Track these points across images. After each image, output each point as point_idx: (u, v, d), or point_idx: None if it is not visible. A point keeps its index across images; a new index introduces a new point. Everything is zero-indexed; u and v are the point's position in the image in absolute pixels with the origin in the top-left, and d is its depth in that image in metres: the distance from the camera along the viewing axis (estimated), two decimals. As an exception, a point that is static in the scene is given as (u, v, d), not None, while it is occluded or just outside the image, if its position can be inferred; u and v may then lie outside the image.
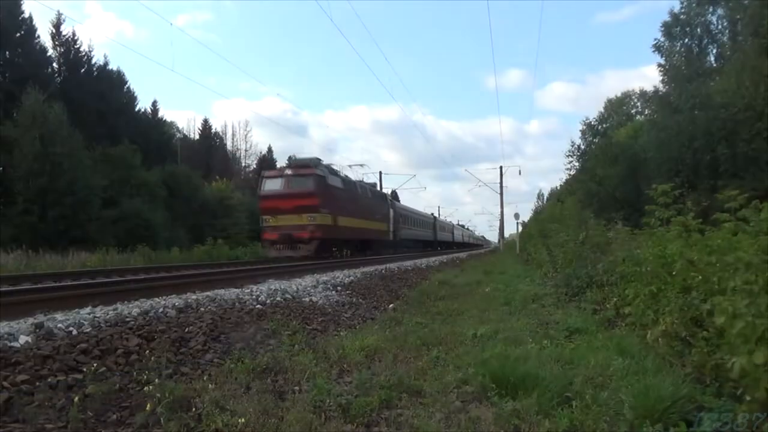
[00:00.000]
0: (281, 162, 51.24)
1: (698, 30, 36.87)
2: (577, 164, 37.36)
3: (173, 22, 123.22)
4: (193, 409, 3.37)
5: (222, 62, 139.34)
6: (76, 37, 37.14)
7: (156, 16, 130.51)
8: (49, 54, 35.50)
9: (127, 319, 5.61)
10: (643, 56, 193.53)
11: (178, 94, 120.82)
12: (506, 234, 58.08)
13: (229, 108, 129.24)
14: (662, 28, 38.10)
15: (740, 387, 3.04)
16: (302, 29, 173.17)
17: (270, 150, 68.32)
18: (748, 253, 3.30)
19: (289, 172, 22.76)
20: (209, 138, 61.10)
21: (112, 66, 40.34)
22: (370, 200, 31.20)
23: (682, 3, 37.34)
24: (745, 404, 2.90)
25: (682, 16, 37.33)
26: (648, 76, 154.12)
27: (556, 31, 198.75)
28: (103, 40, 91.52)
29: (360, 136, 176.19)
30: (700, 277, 4.41)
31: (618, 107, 58.44)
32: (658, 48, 38.53)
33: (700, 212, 5.38)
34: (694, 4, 36.60)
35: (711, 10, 35.74)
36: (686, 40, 37.56)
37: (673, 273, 4.93)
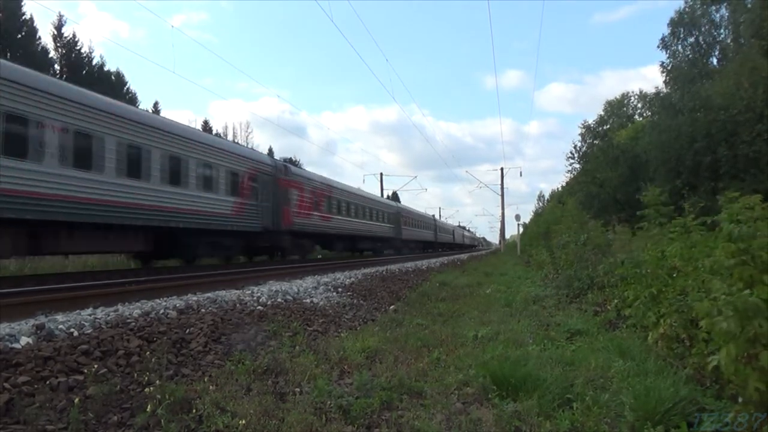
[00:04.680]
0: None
1: (702, 30, 36.91)
2: (577, 166, 37.36)
3: (168, 22, 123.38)
4: (194, 411, 3.37)
5: (218, 63, 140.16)
6: (76, 39, 37.34)
7: (151, 17, 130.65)
8: (50, 56, 35.64)
9: (128, 321, 5.61)
10: (641, 56, 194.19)
11: (175, 94, 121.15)
12: (507, 235, 58.08)
13: (226, 108, 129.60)
14: (669, 26, 38.15)
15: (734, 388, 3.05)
16: (300, 29, 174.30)
17: (271, 151, 68.38)
18: (725, 254, 3.32)
19: None
20: (210, 139, 61.01)
21: (111, 67, 40.53)
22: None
23: (686, 2, 37.41)
24: (740, 405, 2.90)
25: (685, 17, 37.39)
26: (647, 77, 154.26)
27: (554, 32, 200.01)
28: (99, 40, 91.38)
29: (359, 137, 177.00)
30: (690, 280, 4.45)
31: (617, 109, 58.48)
32: (664, 44, 38.54)
33: (699, 213, 5.38)
34: (697, 4, 36.65)
35: (714, 9, 35.78)
36: (690, 39, 37.62)
37: (673, 275, 4.95)
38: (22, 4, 33.31)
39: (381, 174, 51.93)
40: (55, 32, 36.61)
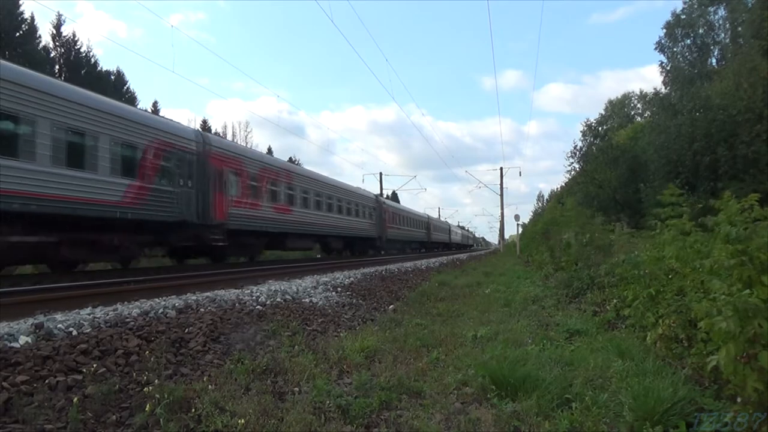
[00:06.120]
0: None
1: (700, 31, 36.95)
2: (577, 166, 37.39)
3: (167, 21, 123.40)
4: (193, 410, 3.37)
5: (216, 62, 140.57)
6: (76, 38, 37.30)
7: (149, 16, 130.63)
8: (52, 55, 35.59)
9: (127, 320, 5.61)
10: (639, 57, 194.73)
11: (173, 93, 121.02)
12: (506, 235, 58.08)
13: (224, 108, 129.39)
14: (664, 28, 38.19)
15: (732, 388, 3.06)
16: (299, 29, 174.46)
17: (270, 150, 68.29)
18: (725, 255, 3.33)
19: None
20: (209, 139, 60.55)
21: (109, 66, 40.53)
22: None
23: (684, 3, 37.46)
24: (739, 405, 2.91)
25: (683, 18, 37.41)
26: (646, 77, 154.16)
27: (552, 32, 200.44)
28: (97, 40, 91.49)
29: (357, 137, 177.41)
30: (688, 281, 4.46)
31: (618, 109, 58.57)
32: (661, 47, 38.59)
33: (698, 214, 5.38)
34: (695, 5, 36.68)
35: (713, 10, 35.80)
36: (688, 41, 37.65)
37: (670, 276, 4.96)
38: (20, 3, 33.23)
39: (381, 174, 51.67)
40: (54, 31, 36.59)
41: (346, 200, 28.62)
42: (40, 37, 34.80)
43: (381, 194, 46.90)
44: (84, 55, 37.63)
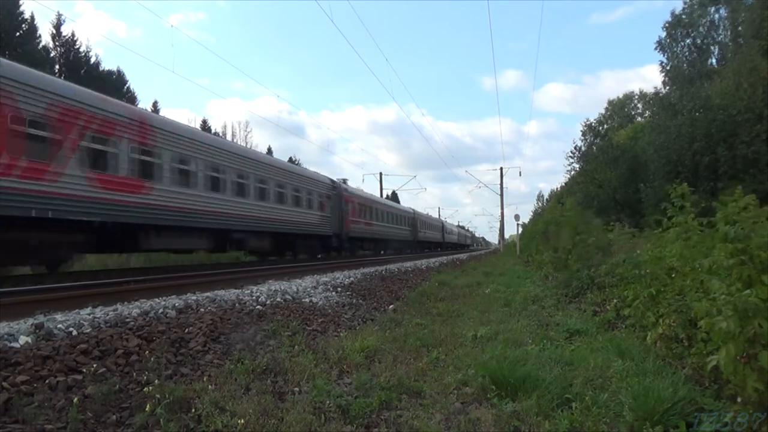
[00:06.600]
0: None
1: (701, 30, 36.98)
2: (577, 166, 37.43)
3: (167, 21, 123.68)
4: (193, 410, 3.37)
5: (215, 62, 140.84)
6: (75, 38, 37.27)
7: (148, 16, 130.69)
8: (52, 55, 35.57)
9: (127, 320, 5.60)
10: (639, 57, 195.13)
11: (173, 92, 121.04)
12: (506, 235, 58.07)
13: (224, 108, 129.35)
14: (664, 28, 38.23)
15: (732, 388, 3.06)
16: (299, 29, 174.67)
17: (270, 150, 68.15)
18: (725, 255, 3.33)
19: None
20: (209, 139, 60.29)
21: (110, 66, 40.50)
22: None
23: (684, 3, 37.49)
24: (739, 405, 2.91)
25: (683, 17, 37.43)
26: (646, 77, 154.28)
27: (552, 32, 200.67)
28: (97, 39, 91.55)
29: (357, 137, 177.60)
30: (689, 281, 4.46)
31: (619, 109, 58.60)
32: (661, 46, 38.63)
33: (698, 214, 5.38)
34: (695, 5, 36.71)
35: (713, 10, 35.84)
36: (688, 41, 37.69)
37: (672, 276, 4.96)
38: (20, 3, 33.21)
39: (380, 173, 51.53)
40: (54, 31, 36.57)
41: (277, 182, 20.14)
42: (40, 36, 34.79)
43: (381, 194, 46.00)
44: (83, 54, 37.61)
